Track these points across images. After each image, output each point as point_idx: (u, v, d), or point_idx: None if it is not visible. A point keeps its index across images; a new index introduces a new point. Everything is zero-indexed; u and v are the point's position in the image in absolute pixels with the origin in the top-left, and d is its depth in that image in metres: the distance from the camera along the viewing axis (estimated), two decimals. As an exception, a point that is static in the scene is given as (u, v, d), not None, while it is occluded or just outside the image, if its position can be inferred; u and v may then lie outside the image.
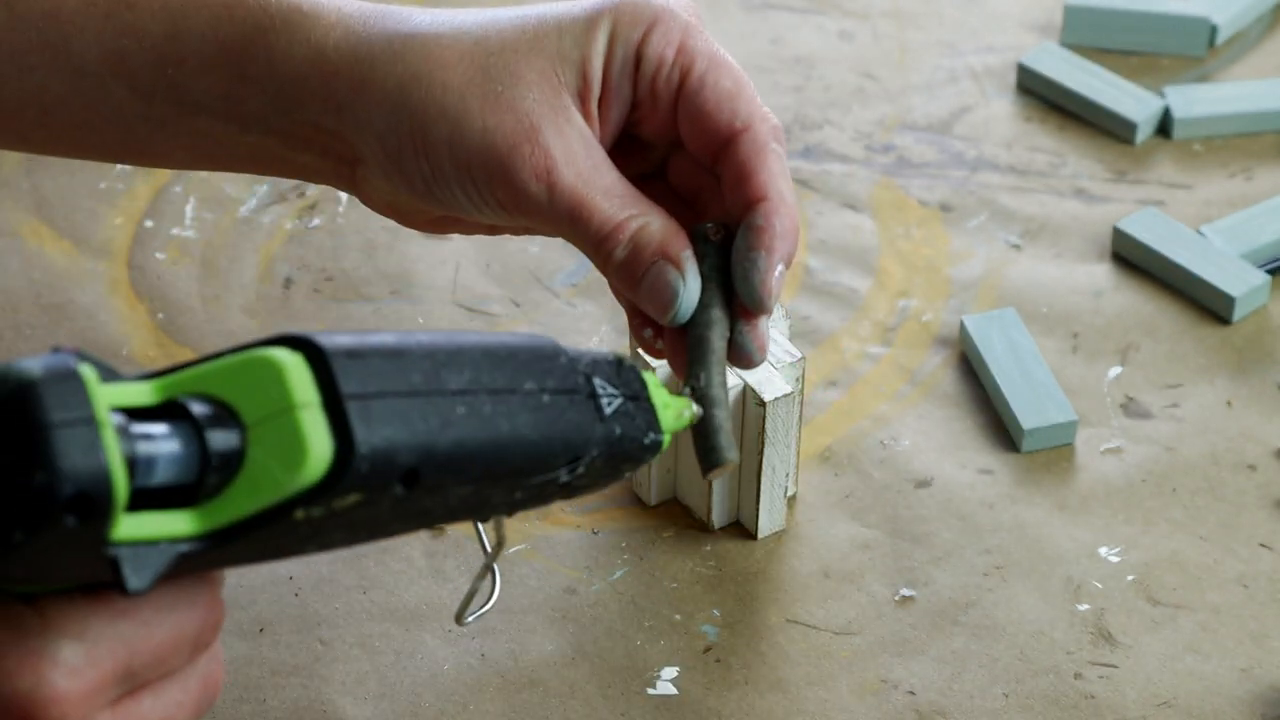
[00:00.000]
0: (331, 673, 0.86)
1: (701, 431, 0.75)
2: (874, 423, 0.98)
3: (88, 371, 0.57)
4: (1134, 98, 1.14)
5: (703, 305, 0.78)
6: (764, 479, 0.90)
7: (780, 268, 0.77)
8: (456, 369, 0.63)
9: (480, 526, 0.72)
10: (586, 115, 0.78)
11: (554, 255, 1.06)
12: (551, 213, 0.76)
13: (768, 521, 0.92)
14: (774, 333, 0.91)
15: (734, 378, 0.89)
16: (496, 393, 0.64)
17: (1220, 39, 1.20)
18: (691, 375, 0.77)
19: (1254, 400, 0.99)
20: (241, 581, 0.89)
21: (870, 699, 0.86)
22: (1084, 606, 0.90)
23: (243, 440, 0.60)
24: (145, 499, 0.59)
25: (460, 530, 0.92)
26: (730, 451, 0.75)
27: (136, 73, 0.79)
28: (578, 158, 0.76)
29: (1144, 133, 1.14)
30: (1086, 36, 1.20)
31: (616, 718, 0.85)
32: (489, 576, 0.74)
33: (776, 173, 0.78)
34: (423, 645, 0.88)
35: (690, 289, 0.77)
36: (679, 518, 0.93)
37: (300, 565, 0.90)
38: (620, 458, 0.69)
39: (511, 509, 0.68)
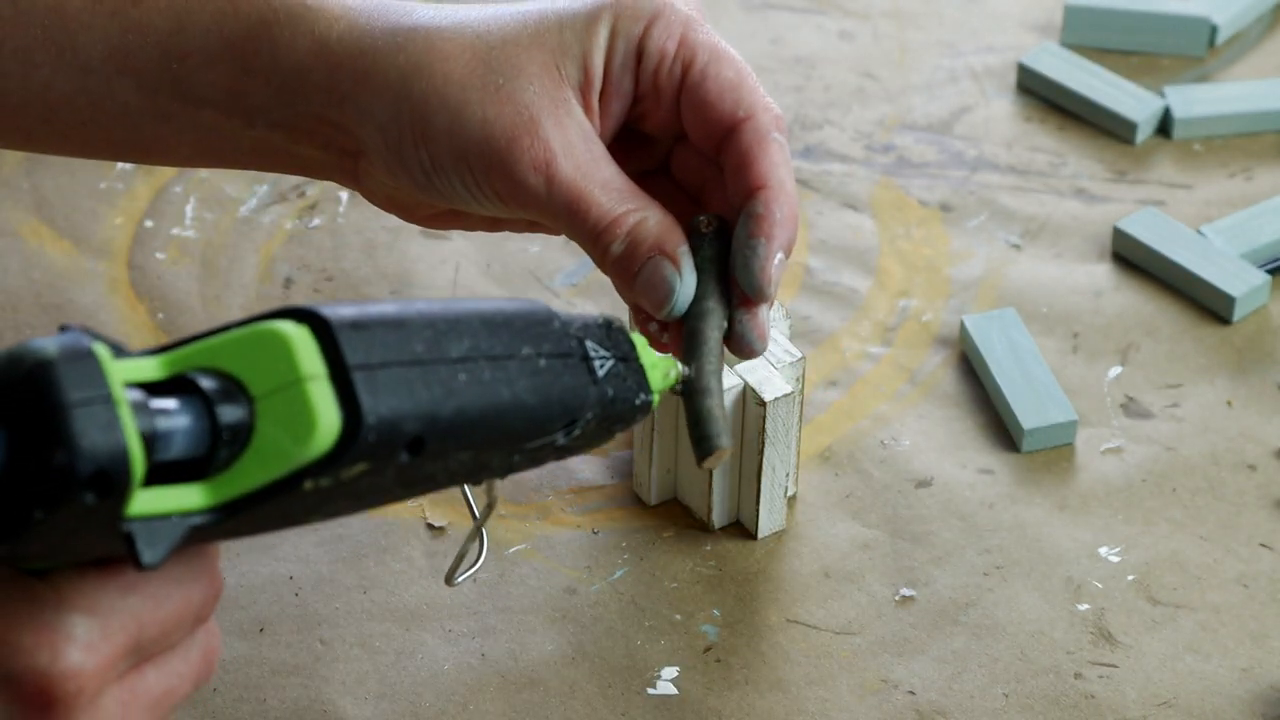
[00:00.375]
0: (331, 673, 0.86)
1: (693, 420, 0.76)
2: (874, 423, 0.98)
3: (102, 349, 0.58)
4: (1134, 98, 1.14)
5: (697, 298, 0.78)
6: (764, 479, 0.90)
7: (780, 255, 0.77)
8: (456, 337, 0.64)
9: (469, 491, 0.73)
10: (587, 109, 0.78)
11: (554, 255, 1.06)
12: (549, 205, 0.77)
13: (768, 521, 0.92)
14: (774, 332, 0.91)
15: (735, 377, 0.89)
16: (495, 359, 0.65)
17: (1220, 39, 1.20)
18: (684, 366, 0.77)
19: (1254, 400, 0.99)
20: (241, 581, 0.89)
21: (870, 699, 0.86)
22: (1084, 606, 0.90)
23: (251, 413, 0.60)
24: (157, 473, 0.59)
25: (461, 530, 0.92)
26: (721, 439, 0.75)
27: (141, 69, 0.80)
28: (577, 151, 0.77)
29: (1144, 133, 1.14)
30: (1086, 36, 1.20)
31: (616, 718, 0.85)
32: (478, 539, 0.75)
33: (777, 161, 0.78)
34: (423, 645, 0.88)
35: (686, 284, 0.77)
36: (679, 518, 0.93)
37: (300, 565, 0.90)
38: (613, 419, 0.70)
39: (507, 471, 0.69)
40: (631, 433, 0.94)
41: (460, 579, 0.76)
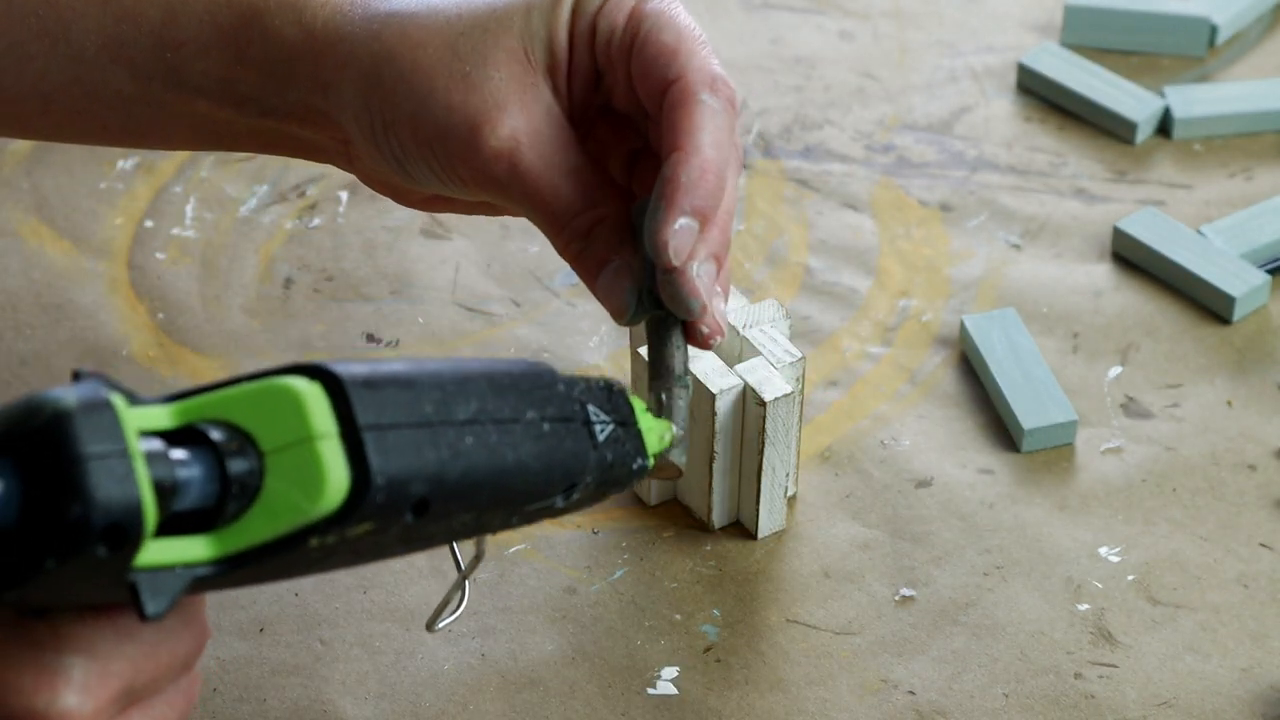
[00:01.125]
0: (331, 673, 0.86)
1: None
2: (874, 423, 0.98)
3: (119, 400, 0.58)
4: (1134, 98, 1.14)
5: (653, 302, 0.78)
6: (764, 479, 0.90)
7: (683, 221, 0.74)
8: (464, 399, 0.65)
9: (454, 543, 0.73)
10: (556, 91, 0.77)
11: (554, 255, 1.06)
12: (511, 194, 0.76)
13: (768, 521, 0.92)
14: (774, 332, 0.91)
15: (735, 377, 0.89)
16: (501, 422, 0.65)
17: (1220, 39, 1.20)
18: (648, 377, 0.77)
19: (1254, 400, 0.99)
20: (241, 581, 0.90)
21: (870, 699, 0.86)
22: (1084, 606, 0.90)
23: (261, 468, 0.60)
24: (165, 524, 0.59)
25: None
26: (668, 453, 0.75)
27: (135, 58, 0.80)
28: (543, 138, 0.76)
29: (1144, 133, 1.14)
30: (1086, 36, 1.20)
31: (616, 718, 0.85)
32: (461, 589, 0.76)
33: (697, 124, 0.75)
34: (423, 645, 0.88)
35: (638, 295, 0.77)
36: (679, 518, 0.93)
37: (300, 565, 0.90)
38: (609, 482, 0.71)
39: (502, 530, 0.69)
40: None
41: (441, 626, 0.76)
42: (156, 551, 0.59)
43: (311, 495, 0.60)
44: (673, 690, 0.86)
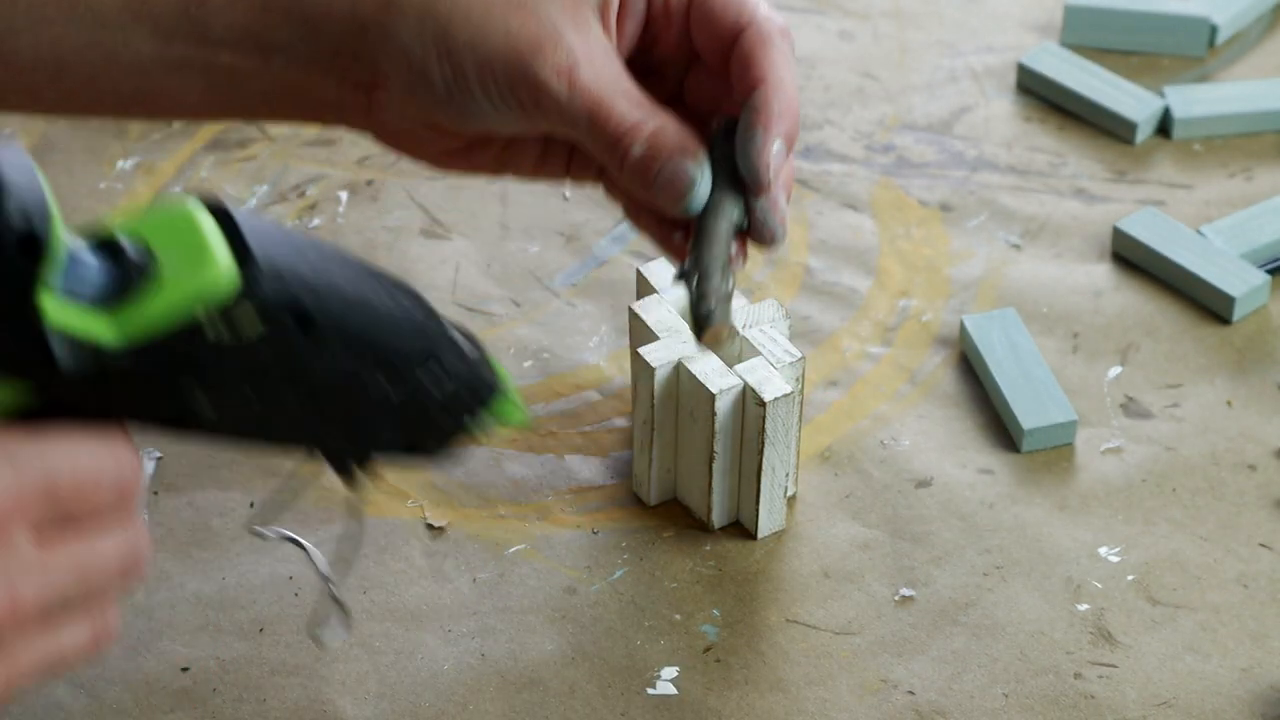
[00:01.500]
0: (331, 673, 0.86)
1: (692, 302, 0.79)
2: (874, 423, 0.98)
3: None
4: (1134, 98, 1.14)
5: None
6: (764, 479, 0.90)
7: (778, 144, 0.80)
8: (341, 265, 0.70)
9: (313, 553, 0.77)
10: (605, 29, 0.81)
11: (554, 255, 1.06)
12: (570, 111, 0.79)
13: (768, 521, 0.92)
14: (774, 332, 0.91)
15: (735, 377, 0.89)
16: (376, 277, 0.71)
17: (1220, 39, 1.20)
18: (689, 254, 0.80)
19: (1254, 400, 0.99)
20: (241, 581, 0.90)
21: (870, 699, 0.86)
22: (1084, 606, 0.90)
23: (156, 261, 0.66)
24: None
25: (461, 530, 0.92)
26: (715, 315, 0.79)
27: (159, 14, 0.81)
28: (598, 61, 0.79)
29: (1144, 133, 1.14)
30: (1086, 36, 1.20)
31: (616, 718, 0.85)
32: (336, 601, 0.80)
33: (777, 61, 0.81)
34: (423, 645, 0.88)
35: (706, 180, 0.80)
36: (679, 518, 0.93)
37: (300, 565, 0.90)
38: (464, 380, 0.73)
39: (380, 403, 0.71)
40: (631, 432, 0.94)
41: (330, 639, 0.78)
42: (64, 314, 0.63)
43: (199, 268, 0.65)
44: (672, 690, 0.86)
